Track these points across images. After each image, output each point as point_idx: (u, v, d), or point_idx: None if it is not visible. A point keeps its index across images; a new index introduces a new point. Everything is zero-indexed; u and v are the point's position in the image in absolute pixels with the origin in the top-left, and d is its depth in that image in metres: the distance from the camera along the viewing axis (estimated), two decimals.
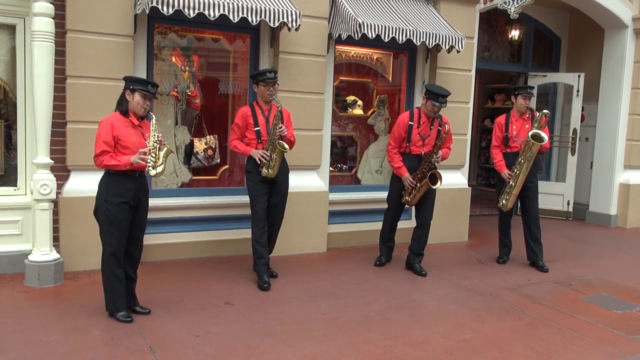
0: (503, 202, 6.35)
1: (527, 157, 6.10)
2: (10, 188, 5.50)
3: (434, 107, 5.74)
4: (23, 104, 5.42)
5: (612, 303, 5.31)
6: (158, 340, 4.02)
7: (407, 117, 5.90)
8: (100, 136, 4.18)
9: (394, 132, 5.97)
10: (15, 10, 5.29)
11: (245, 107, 5.56)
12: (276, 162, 5.34)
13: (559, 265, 6.56)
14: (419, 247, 6.05)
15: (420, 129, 5.86)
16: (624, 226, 9.19)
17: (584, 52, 9.71)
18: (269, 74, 5.37)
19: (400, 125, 5.90)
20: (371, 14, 6.41)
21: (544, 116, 6.19)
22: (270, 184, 5.45)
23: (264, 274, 5.35)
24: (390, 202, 6.19)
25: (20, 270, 5.20)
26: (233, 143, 5.54)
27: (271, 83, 5.36)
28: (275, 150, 5.32)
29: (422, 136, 5.86)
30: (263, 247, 5.40)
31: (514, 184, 6.21)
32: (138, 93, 4.26)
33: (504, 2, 7.30)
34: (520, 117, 6.39)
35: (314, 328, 4.39)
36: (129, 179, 4.26)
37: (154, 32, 6.00)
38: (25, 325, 4.19)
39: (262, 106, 5.47)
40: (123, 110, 4.30)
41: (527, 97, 6.34)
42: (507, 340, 4.34)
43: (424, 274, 5.93)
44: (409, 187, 5.91)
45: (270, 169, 5.33)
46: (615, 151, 9.14)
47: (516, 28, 9.37)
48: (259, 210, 5.40)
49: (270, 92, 5.38)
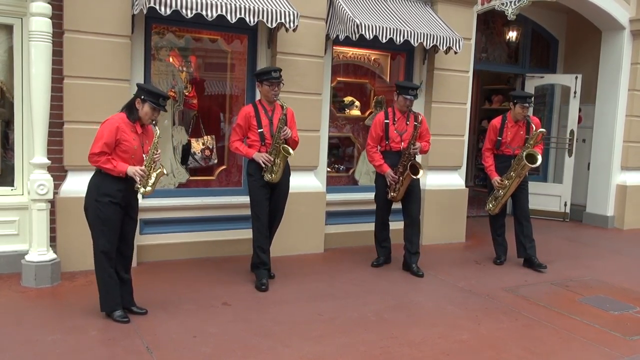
0: (490, 206, 6.50)
1: (517, 174, 6.20)
2: (8, 188, 5.49)
3: (405, 100, 5.91)
4: (20, 104, 5.42)
5: (609, 304, 5.32)
6: (155, 341, 4.01)
7: (383, 116, 6.03)
8: (103, 136, 4.14)
9: (371, 133, 6.07)
10: (13, 10, 5.29)
11: (248, 107, 5.42)
12: (280, 167, 5.26)
13: (555, 266, 6.57)
14: (413, 246, 6.06)
15: (397, 125, 5.98)
16: (621, 227, 9.21)
17: (581, 54, 9.73)
18: (274, 73, 5.25)
19: (377, 125, 6.02)
20: (369, 14, 6.42)
21: (540, 134, 6.19)
22: (271, 187, 5.38)
23: (263, 277, 5.32)
24: (378, 201, 6.22)
25: (17, 270, 5.18)
26: (234, 145, 5.42)
27: (276, 83, 5.26)
28: (279, 155, 5.24)
29: (400, 132, 5.97)
30: (266, 254, 5.37)
31: (502, 193, 6.31)
32: (148, 104, 4.22)
33: (502, 4, 7.31)
34: (516, 123, 6.39)
35: (311, 328, 4.39)
36: (119, 180, 4.24)
37: (152, 33, 5.99)
38: (22, 326, 4.18)
39: (266, 106, 5.35)
40: (132, 116, 4.26)
41: (525, 107, 6.32)
42: (504, 341, 4.35)
43: (421, 275, 5.94)
44: (392, 182, 5.95)
45: (273, 173, 5.26)
46: (613, 152, 9.16)
47: (513, 29, 9.38)
48: (262, 217, 5.34)
49: (275, 92, 5.27)
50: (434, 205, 7.41)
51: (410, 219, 6.09)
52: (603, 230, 9.05)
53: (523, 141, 6.31)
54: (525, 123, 6.37)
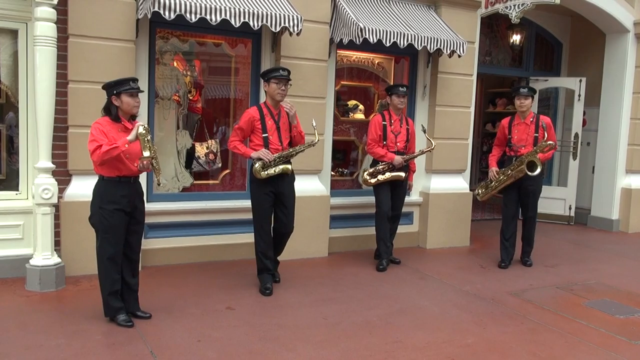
0: (479, 191, 6.64)
1: (514, 175, 6.25)
2: (12, 192, 5.50)
3: (399, 97, 6.18)
4: (25, 109, 5.43)
5: (615, 308, 5.30)
6: (159, 345, 4.01)
7: (380, 118, 6.26)
8: (92, 136, 4.10)
9: (370, 133, 6.27)
10: (18, 15, 5.30)
11: (253, 110, 5.26)
12: (277, 169, 5.13)
13: (561, 270, 6.55)
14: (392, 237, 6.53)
15: (393, 127, 6.22)
16: (625, 231, 9.17)
17: (586, 57, 9.71)
18: (282, 71, 5.17)
19: (376, 125, 6.23)
20: (373, 18, 6.42)
21: (548, 146, 6.17)
22: (275, 195, 5.24)
23: (268, 281, 5.30)
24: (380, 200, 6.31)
25: (22, 274, 5.19)
26: (233, 144, 5.27)
27: (284, 80, 5.15)
28: (279, 164, 5.15)
29: (395, 133, 6.19)
30: (269, 260, 5.33)
31: (495, 185, 6.44)
32: (124, 94, 4.18)
33: (505, 7, 7.31)
34: (523, 120, 6.35)
35: (315, 333, 4.38)
36: (123, 185, 4.24)
37: (156, 37, 6.01)
38: (26, 330, 4.19)
39: (272, 109, 5.23)
40: (113, 116, 4.22)
41: (521, 97, 6.22)
42: (509, 345, 4.33)
43: (398, 261, 6.52)
44: (399, 164, 6.15)
45: (268, 169, 5.10)
46: (617, 156, 9.13)
47: (517, 33, 9.37)
48: (265, 226, 5.27)
49: (282, 90, 5.14)
50: (438, 209, 7.39)
51: (396, 215, 6.46)
52: (608, 234, 9.02)
53: (531, 139, 6.26)
54: (535, 121, 6.30)
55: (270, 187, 5.20)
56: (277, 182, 5.21)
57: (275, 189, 5.23)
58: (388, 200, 6.25)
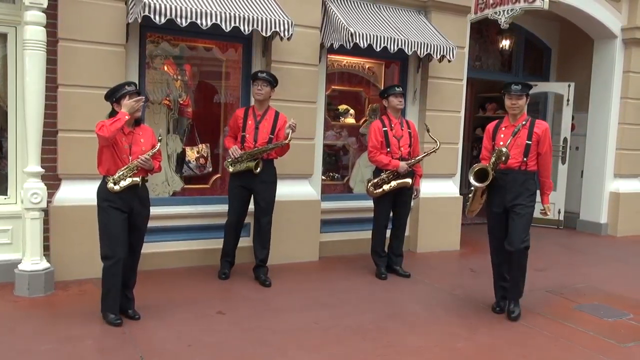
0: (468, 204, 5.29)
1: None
2: (1, 197, 5.46)
3: (396, 97, 6.04)
4: (14, 113, 5.39)
5: (604, 311, 5.33)
6: (150, 350, 3.99)
7: (380, 124, 6.05)
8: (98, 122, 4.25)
9: (371, 140, 6.01)
10: (7, 19, 5.27)
11: (240, 110, 5.73)
12: (243, 167, 5.47)
13: (550, 274, 6.59)
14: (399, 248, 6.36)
15: (394, 132, 6.03)
16: (614, 235, 9.24)
17: (574, 62, 9.80)
18: (260, 73, 5.58)
19: (377, 132, 6.00)
20: (363, 23, 6.44)
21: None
22: (250, 192, 5.62)
23: (225, 267, 5.78)
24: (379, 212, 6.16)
25: (10, 279, 5.14)
26: (225, 140, 5.81)
27: (259, 81, 5.51)
28: (246, 162, 5.47)
29: (397, 137, 6.02)
30: (229, 246, 5.81)
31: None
32: (122, 99, 4.27)
33: (495, 12, 7.36)
34: (513, 123, 5.01)
35: (308, 337, 4.37)
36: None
37: (146, 41, 6.00)
38: (15, 335, 4.15)
39: (256, 111, 5.61)
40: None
41: (512, 96, 4.94)
42: (500, 349, 4.34)
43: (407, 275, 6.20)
44: (405, 171, 5.92)
45: (234, 165, 5.51)
46: (606, 160, 9.21)
47: (507, 38, 9.44)
48: (231, 216, 5.70)
49: (258, 90, 5.51)
50: (428, 213, 7.41)
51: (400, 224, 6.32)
52: (597, 238, 9.08)
53: (523, 148, 4.92)
54: (529, 125, 4.96)
55: (239, 182, 5.57)
56: (247, 178, 5.53)
57: (245, 185, 5.57)
58: (387, 213, 6.13)
